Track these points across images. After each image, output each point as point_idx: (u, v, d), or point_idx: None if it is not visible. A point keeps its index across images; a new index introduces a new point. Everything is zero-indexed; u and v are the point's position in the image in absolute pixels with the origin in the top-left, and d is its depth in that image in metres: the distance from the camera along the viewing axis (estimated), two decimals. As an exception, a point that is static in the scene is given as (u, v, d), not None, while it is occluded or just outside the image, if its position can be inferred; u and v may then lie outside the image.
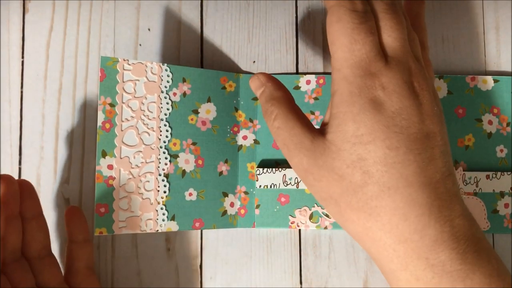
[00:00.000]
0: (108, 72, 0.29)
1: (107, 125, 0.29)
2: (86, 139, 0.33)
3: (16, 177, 0.33)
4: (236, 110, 0.33)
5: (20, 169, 0.33)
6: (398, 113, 0.22)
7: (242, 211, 0.32)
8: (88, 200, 0.33)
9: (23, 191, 0.29)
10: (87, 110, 0.33)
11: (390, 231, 0.22)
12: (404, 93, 0.23)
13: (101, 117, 0.29)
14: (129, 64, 0.30)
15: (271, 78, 0.26)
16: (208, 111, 0.32)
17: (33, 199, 0.29)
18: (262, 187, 0.32)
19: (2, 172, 0.33)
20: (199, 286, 0.33)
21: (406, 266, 0.23)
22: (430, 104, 0.23)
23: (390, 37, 0.24)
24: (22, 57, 0.33)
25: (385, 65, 0.23)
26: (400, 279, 0.23)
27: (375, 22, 0.24)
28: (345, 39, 0.23)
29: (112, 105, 0.29)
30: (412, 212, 0.22)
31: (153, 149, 0.30)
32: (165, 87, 0.31)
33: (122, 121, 0.29)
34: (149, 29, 0.34)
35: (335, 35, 0.23)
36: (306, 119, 0.25)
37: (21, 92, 0.33)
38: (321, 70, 0.34)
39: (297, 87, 0.33)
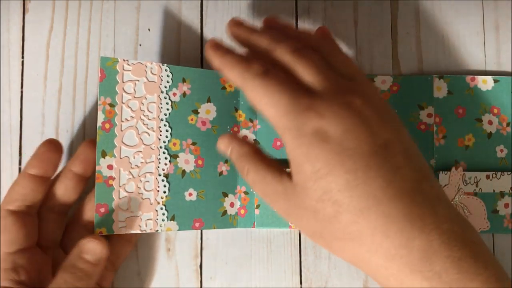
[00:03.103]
0: (108, 72, 0.29)
1: (107, 125, 0.29)
2: (86, 139, 0.33)
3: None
4: (236, 110, 0.33)
5: (20, 169, 0.33)
6: (345, 136, 0.22)
7: (242, 211, 0.32)
8: (88, 200, 0.33)
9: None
10: (87, 110, 0.33)
11: (376, 251, 0.22)
12: (342, 114, 0.23)
13: (101, 117, 0.29)
14: (129, 65, 0.30)
15: (233, 137, 0.27)
16: (208, 111, 0.32)
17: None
18: (262, 187, 0.32)
19: (2, 173, 0.33)
20: (199, 286, 0.33)
21: (401, 282, 0.22)
22: (376, 114, 0.23)
23: (307, 75, 0.24)
24: (22, 57, 0.33)
25: (314, 97, 0.23)
26: None
27: (288, 70, 0.25)
28: (263, 99, 0.24)
29: (112, 105, 0.29)
30: (391, 228, 0.22)
31: (153, 149, 0.30)
32: (165, 87, 0.31)
33: (122, 121, 0.29)
34: (149, 29, 0.34)
35: (255, 100, 0.24)
36: (275, 166, 0.26)
37: (21, 92, 0.33)
38: (321, 70, 0.34)
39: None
